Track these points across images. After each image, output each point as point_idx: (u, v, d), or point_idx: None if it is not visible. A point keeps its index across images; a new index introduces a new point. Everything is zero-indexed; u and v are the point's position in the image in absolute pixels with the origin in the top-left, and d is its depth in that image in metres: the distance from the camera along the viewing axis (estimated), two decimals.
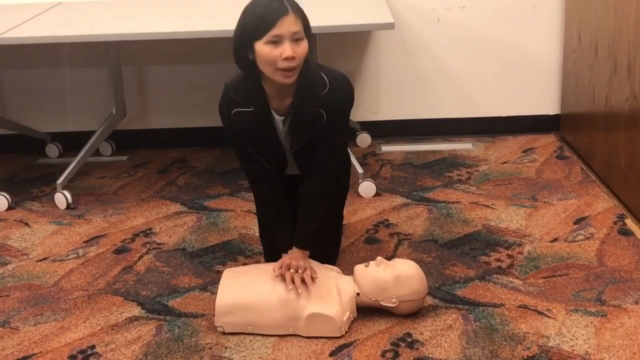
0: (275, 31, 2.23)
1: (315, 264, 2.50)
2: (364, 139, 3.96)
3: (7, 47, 3.29)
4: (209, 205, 3.33)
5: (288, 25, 2.23)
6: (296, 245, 2.47)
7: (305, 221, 2.49)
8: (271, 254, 2.66)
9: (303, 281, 2.40)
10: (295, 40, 2.25)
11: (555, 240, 2.91)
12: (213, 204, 3.34)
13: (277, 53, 2.24)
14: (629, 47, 3.00)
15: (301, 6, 2.32)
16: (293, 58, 2.24)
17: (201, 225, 3.14)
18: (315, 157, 2.45)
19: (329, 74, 2.42)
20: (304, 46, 2.28)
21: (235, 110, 2.42)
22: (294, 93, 2.37)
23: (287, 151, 2.49)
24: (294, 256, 2.45)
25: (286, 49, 2.24)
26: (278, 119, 2.43)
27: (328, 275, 2.49)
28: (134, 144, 4.02)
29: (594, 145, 3.49)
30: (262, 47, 2.25)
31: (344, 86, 2.44)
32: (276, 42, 2.24)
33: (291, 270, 2.42)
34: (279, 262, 2.47)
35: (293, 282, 2.39)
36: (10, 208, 3.37)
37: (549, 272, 2.68)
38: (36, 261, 2.92)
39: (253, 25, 2.26)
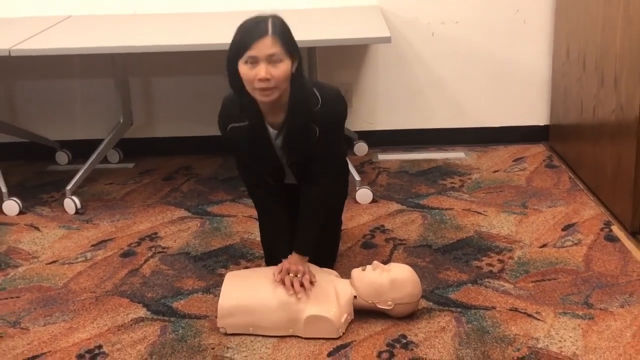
0: (251, 52, 2.23)
1: (314, 268, 2.51)
2: (361, 148, 3.96)
3: (19, 59, 3.29)
4: (212, 210, 3.34)
5: (264, 47, 2.22)
6: (296, 252, 2.47)
7: (304, 229, 2.49)
8: (271, 258, 2.66)
9: (302, 285, 2.40)
10: (272, 62, 2.24)
11: (544, 245, 2.91)
12: (216, 210, 3.34)
13: (253, 73, 2.24)
14: (615, 61, 3.01)
15: (290, 27, 2.30)
16: (267, 79, 2.23)
17: (204, 230, 3.15)
18: (312, 168, 2.45)
19: (322, 90, 2.41)
20: (281, 68, 2.25)
21: (231, 126, 2.42)
22: (286, 109, 2.37)
23: (283, 163, 2.50)
24: (293, 261, 2.45)
25: (260, 70, 2.23)
26: (272, 132, 2.43)
27: (326, 278, 2.49)
28: (140, 152, 4.02)
29: (581, 154, 3.49)
30: (241, 67, 2.26)
31: (336, 101, 2.43)
32: (252, 62, 2.24)
33: (290, 275, 2.42)
34: (279, 266, 2.47)
35: (292, 286, 2.40)
36: (21, 213, 3.37)
37: (538, 277, 2.68)
38: (46, 264, 2.92)
39: (235, 45, 2.26)
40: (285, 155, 2.46)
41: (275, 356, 2.29)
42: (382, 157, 3.92)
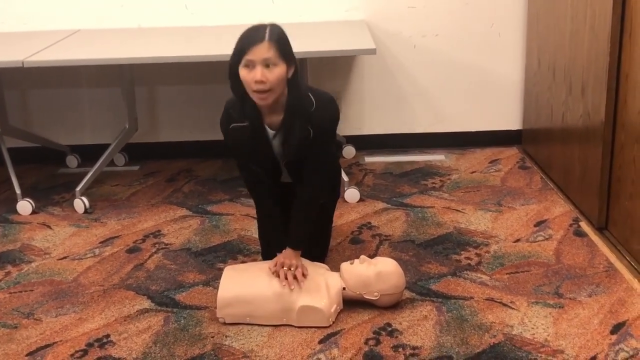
0: (248, 56, 2.24)
1: (306, 262, 2.51)
2: (349, 151, 3.96)
3: (32, 69, 3.28)
4: (211, 209, 3.33)
5: (260, 52, 2.23)
6: (289, 246, 2.47)
7: (297, 225, 2.49)
8: (268, 253, 2.66)
9: (295, 277, 2.40)
10: (267, 65, 2.24)
11: (518, 240, 2.91)
12: (215, 209, 3.33)
13: (250, 76, 2.25)
14: (582, 71, 3.02)
15: (287, 34, 2.30)
16: (263, 82, 2.24)
17: (204, 228, 3.14)
18: (306, 168, 2.46)
19: (317, 95, 2.41)
20: (276, 72, 2.25)
21: (232, 125, 2.42)
22: (284, 111, 2.37)
23: (280, 161, 2.50)
24: (287, 255, 2.46)
25: (256, 73, 2.23)
26: (271, 132, 2.43)
27: (317, 271, 2.49)
28: (145, 156, 4.01)
29: (552, 157, 3.50)
30: (241, 70, 2.27)
31: (330, 106, 2.44)
32: (250, 66, 2.25)
33: (284, 268, 2.42)
34: (274, 260, 2.47)
35: (286, 278, 2.40)
36: (34, 212, 3.36)
37: (512, 269, 2.69)
38: (57, 260, 2.90)
39: (236, 50, 2.27)
40: (281, 153, 2.46)
41: (270, 343, 2.29)
42: (368, 159, 3.92)
